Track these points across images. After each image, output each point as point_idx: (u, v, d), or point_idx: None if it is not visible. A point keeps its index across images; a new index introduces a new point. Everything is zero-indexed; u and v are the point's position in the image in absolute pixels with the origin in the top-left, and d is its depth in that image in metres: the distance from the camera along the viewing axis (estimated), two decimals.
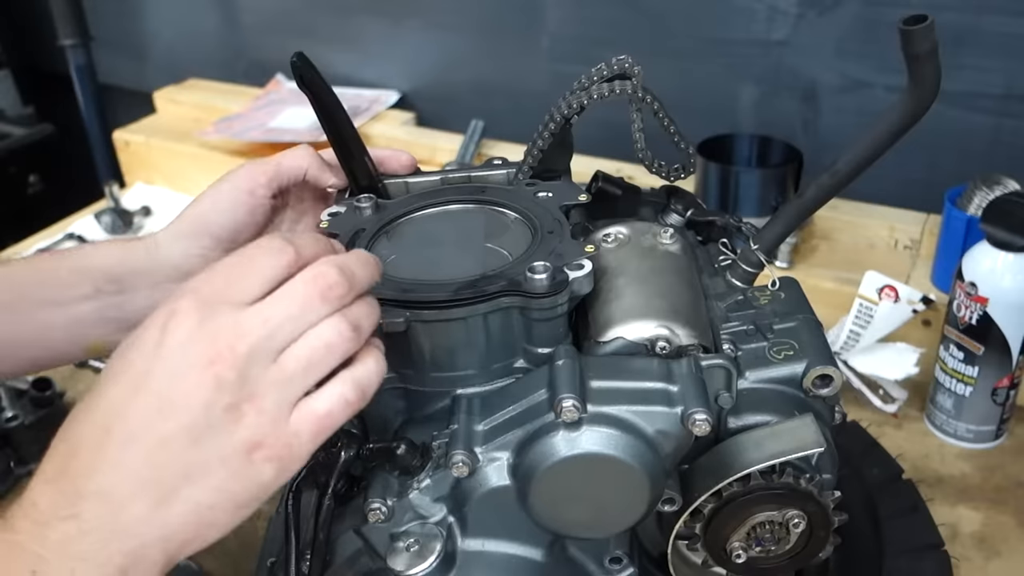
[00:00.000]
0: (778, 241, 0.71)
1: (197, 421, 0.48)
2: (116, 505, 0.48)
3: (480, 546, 0.64)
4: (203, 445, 0.49)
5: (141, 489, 0.48)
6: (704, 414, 0.58)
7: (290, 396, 0.51)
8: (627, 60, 0.73)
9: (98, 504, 0.48)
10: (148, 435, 0.48)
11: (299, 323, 0.50)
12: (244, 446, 0.49)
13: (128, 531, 0.48)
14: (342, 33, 1.81)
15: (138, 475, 0.48)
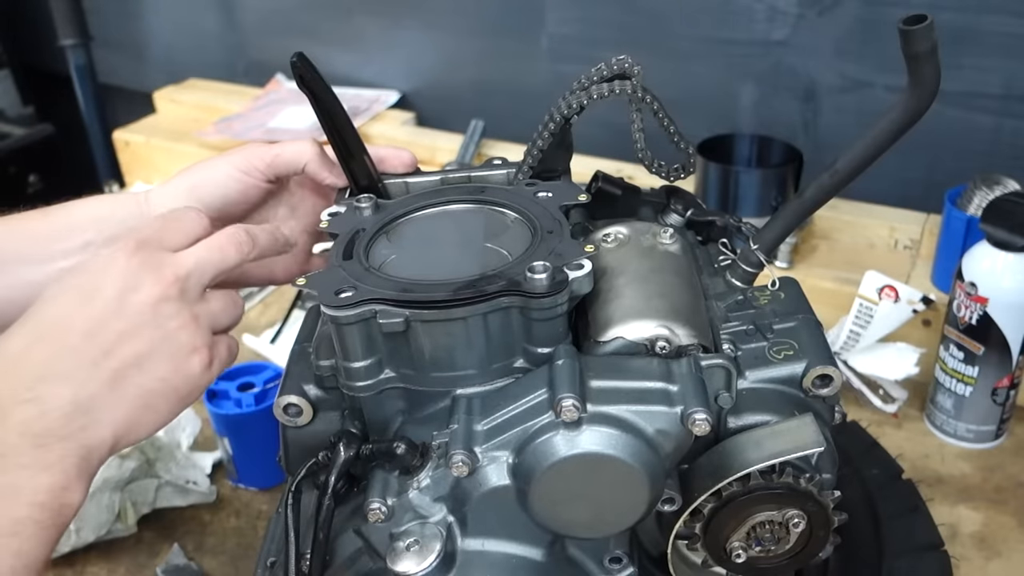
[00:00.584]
0: (778, 241, 0.71)
1: (147, 323, 0.58)
2: (77, 386, 0.56)
3: (480, 546, 0.64)
4: (152, 343, 0.58)
5: (98, 373, 0.56)
6: (704, 414, 0.58)
7: (212, 322, 0.62)
8: (627, 60, 0.73)
9: (59, 386, 0.55)
10: (106, 331, 0.57)
11: (218, 264, 0.63)
12: (185, 348, 0.60)
13: (86, 409, 0.55)
14: (342, 33, 1.81)
15: (95, 362, 0.56)
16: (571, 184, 0.76)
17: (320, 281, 0.64)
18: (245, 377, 1.07)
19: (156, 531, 1.02)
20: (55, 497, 0.53)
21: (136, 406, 0.58)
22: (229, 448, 1.05)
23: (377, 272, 0.66)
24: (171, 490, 1.04)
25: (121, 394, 0.57)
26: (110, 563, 0.98)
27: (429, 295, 0.61)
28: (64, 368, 0.56)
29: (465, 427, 0.62)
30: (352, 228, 0.71)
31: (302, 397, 0.70)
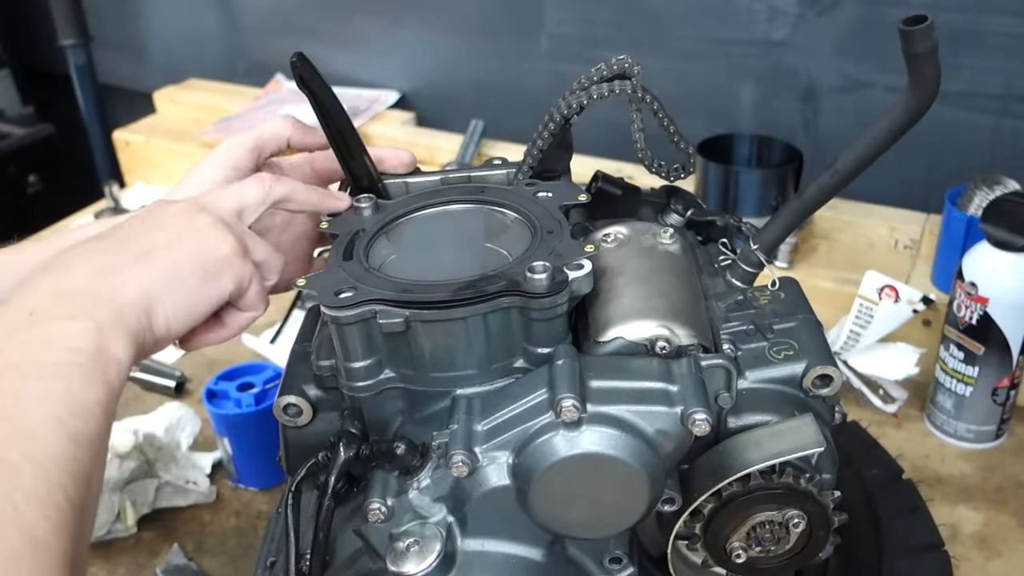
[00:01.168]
0: (778, 241, 0.71)
1: (179, 220, 0.62)
2: (103, 257, 0.58)
3: (480, 546, 0.64)
4: (182, 231, 0.62)
5: (125, 250, 0.59)
6: (704, 414, 0.58)
7: (248, 240, 0.65)
8: (627, 60, 0.73)
9: (85, 256, 0.58)
10: (138, 227, 0.61)
11: (242, 200, 0.67)
12: (215, 236, 0.62)
13: (113, 272, 0.57)
14: (342, 33, 1.81)
15: (124, 242, 0.60)
16: (571, 184, 0.76)
17: (320, 282, 0.64)
18: (245, 377, 1.07)
19: (156, 531, 1.02)
20: (90, 341, 0.53)
21: (163, 274, 0.59)
22: (229, 448, 1.05)
23: (377, 272, 0.66)
24: (171, 490, 1.04)
25: (146, 262, 0.59)
26: (110, 563, 0.98)
27: (429, 295, 0.61)
28: (91, 247, 0.59)
29: (465, 427, 0.62)
30: (352, 228, 0.71)
31: (302, 397, 0.70)
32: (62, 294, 0.55)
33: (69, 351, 0.53)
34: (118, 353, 0.55)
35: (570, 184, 0.76)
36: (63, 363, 0.52)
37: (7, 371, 0.51)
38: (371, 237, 0.70)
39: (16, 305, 0.55)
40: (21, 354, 0.52)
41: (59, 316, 0.54)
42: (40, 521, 0.47)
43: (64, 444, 0.50)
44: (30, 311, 0.54)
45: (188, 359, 1.30)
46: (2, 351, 0.52)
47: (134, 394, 1.23)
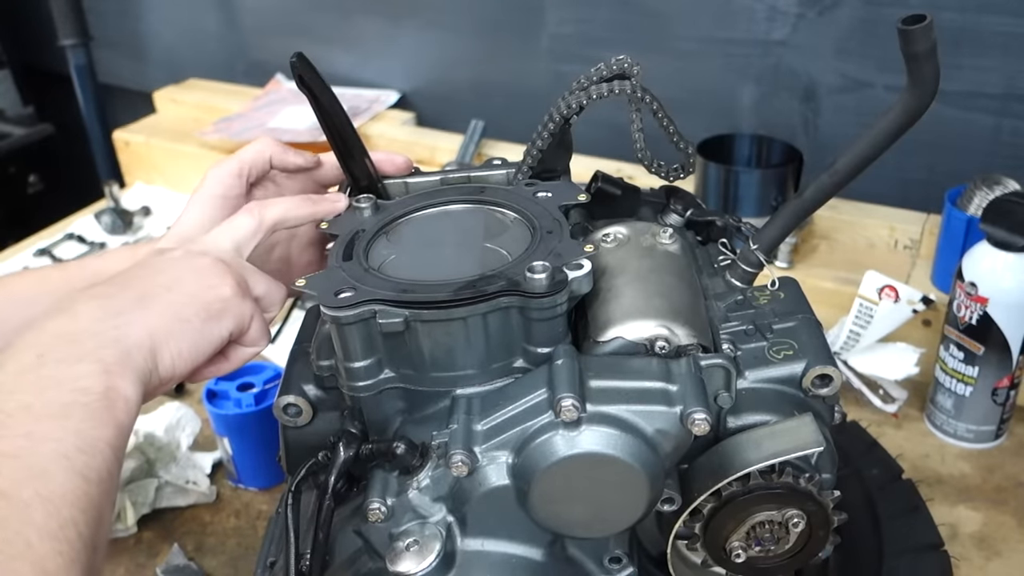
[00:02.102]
0: (778, 241, 0.71)
1: (179, 263, 0.64)
2: (105, 300, 0.59)
3: (480, 546, 0.64)
4: (182, 272, 0.63)
5: (127, 293, 0.60)
6: (703, 413, 0.58)
7: (246, 277, 0.66)
8: (626, 60, 0.73)
9: (89, 301, 0.58)
10: (138, 272, 0.63)
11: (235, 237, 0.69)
12: (215, 275, 0.63)
13: (116, 314, 0.58)
14: (342, 33, 1.81)
15: (125, 286, 0.61)
16: (571, 184, 0.76)
17: (320, 282, 0.64)
18: (245, 377, 1.07)
19: (156, 531, 1.02)
20: (98, 381, 0.54)
21: (167, 317, 0.60)
22: (229, 448, 1.05)
23: (377, 272, 0.66)
24: (171, 490, 1.04)
25: (149, 305, 0.59)
26: (110, 563, 0.98)
27: (429, 295, 0.61)
28: (93, 292, 0.59)
29: (465, 427, 0.62)
30: (352, 229, 0.71)
31: (302, 397, 0.71)
32: (67, 336, 0.56)
33: (77, 391, 0.53)
34: (126, 392, 0.55)
35: (570, 184, 0.76)
36: (72, 403, 0.53)
37: (18, 412, 0.51)
38: (371, 237, 0.70)
39: (23, 348, 0.55)
40: (31, 395, 0.52)
41: (66, 358, 0.55)
42: (52, 556, 0.47)
43: (75, 481, 0.50)
44: (38, 353, 0.55)
45: None
46: (13, 392, 0.53)
47: None
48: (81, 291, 0.60)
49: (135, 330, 0.58)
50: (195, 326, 0.61)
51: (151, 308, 0.59)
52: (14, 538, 0.46)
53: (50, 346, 0.55)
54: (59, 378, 0.53)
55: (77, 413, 0.52)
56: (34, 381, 0.53)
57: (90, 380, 0.54)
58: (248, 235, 0.69)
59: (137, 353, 0.57)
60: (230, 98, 1.86)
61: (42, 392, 0.53)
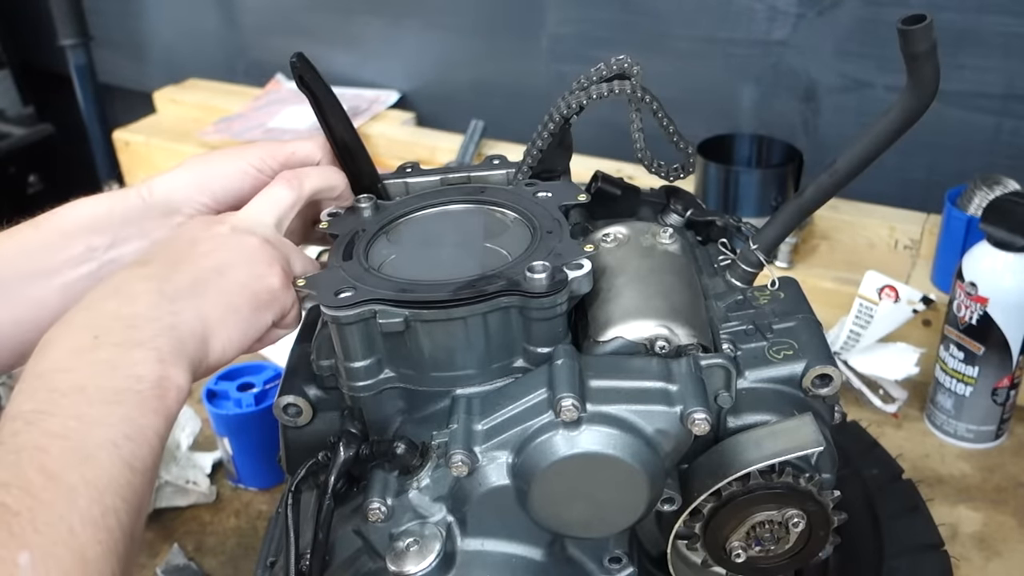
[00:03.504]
0: (778, 241, 0.71)
1: (227, 241, 0.63)
2: (160, 283, 0.58)
3: (480, 546, 0.64)
4: (231, 254, 0.62)
5: (179, 275, 0.59)
6: (703, 413, 0.58)
7: (290, 259, 0.66)
8: (626, 60, 0.73)
9: (142, 283, 0.58)
10: (187, 249, 0.62)
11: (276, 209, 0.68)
12: (264, 261, 0.63)
13: (171, 298, 0.58)
14: (342, 33, 1.81)
15: (177, 266, 0.60)
16: (571, 184, 0.76)
17: (320, 282, 0.64)
18: (245, 377, 1.07)
19: (156, 531, 1.02)
20: (151, 370, 0.54)
21: (218, 303, 0.60)
22: (229, 448, 1.05)
23: (377, 272, 0.66)
24: (171, 490, 1.04)
25: (202, 291, 0.59)
26: None
27: (429, 295, 0.61)
28: (146, 273, 0.59)
29: (465, 427, 0.62)
30: (352, 229, 0.71)
31: (302, 397, 0.70)
32: (124, 319, 0.56)
33: (132, 378, 0.53)
34: (178, 380, 0.55)
35: (570, 184, 0.76)
36: (125, 389, 0.53)
37: (72, 393, 0.51)
38: (371, 237, 0.70)
39: (79, 325, 0.55)
40: (86, 377, 0.52)
41: (123, 342, 0.54)
42: (92, 544, 0.47)
43: (120, 469, 0.50)
44: (94, 334, 0.54)
45: None
46: (68, 372, 0.53)
47: None
48: (132, 269, 0.60)
49: (189, 317, 0.58)
50: (245, 315, 0.61)
51: (205, 295, 0.59)
52: (57, 522, 0.46)
53: (107, 328, 0.55)
54: (115, 363, 0.53)
55: (130, 400, 0.52)
56: (90, 363, 0.53)
57: (145, 368, 0.54)
58: (289, 208, 0.68)
59: (190, 341, 0.57)
60: (230, 98, 1.85)
61: (96, 376, 0.52)
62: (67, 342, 0.54)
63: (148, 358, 0.54)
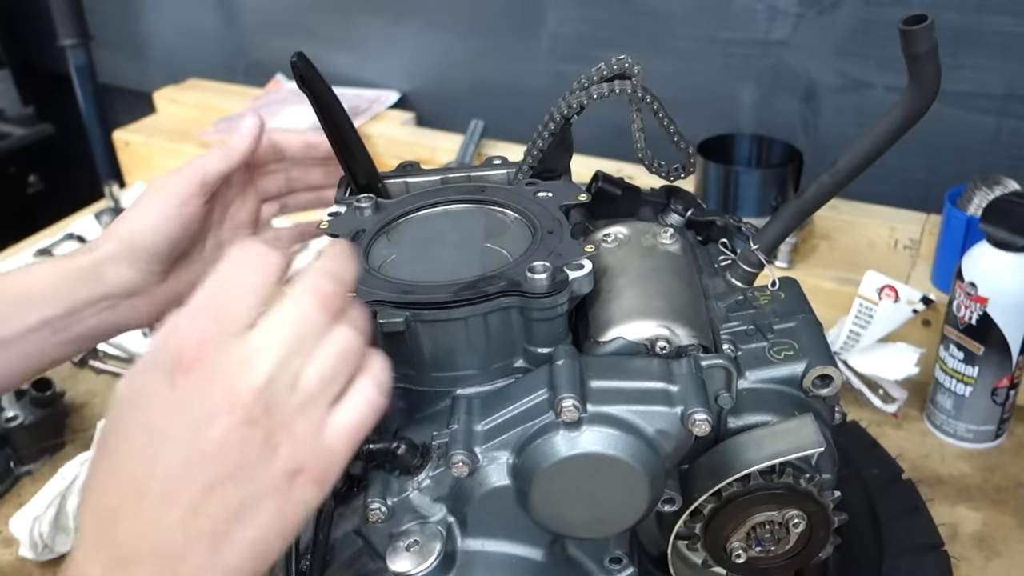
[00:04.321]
0: (778, 241, 0.71)
1: (236, 465, 0.47)
2: (171, 562, 0.47)
3: (480, 546, 0.64)
4: (246, 484, 0.47)
5: (195, 540, 0.47)
6: (704, 414, 0.58)
7: (317, 415, 0.49)
8: (627, 60, 0.73)
9: (153, 565, 0.47)
10: (188, 487, 0.47)
11: (308, 341, 0.49)
12: (285, 475, 0.48)
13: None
14: (342, 33, 1.81)
15: (187, 528, 0.47)
16: (571, 184, 0.76)
17: None
18: None
19: None
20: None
21: (246, 559, 0.48)
22: None
23: (377, 273, 0.66)
24: None
25: (225, 554, 0.48)
26: None
27: (429, 296, 0.61)
28: (155, 543, 0.47)
29: (465, 427, 0.62)
30: (352, 228, 0.71)
31: None
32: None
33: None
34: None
35: (570, 184, 0.76)
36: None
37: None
38: (371, 237, 0.70)
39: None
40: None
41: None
42: None
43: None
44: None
45: None
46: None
47: None
48: (141, 529, 0.47)
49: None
50: (276, 552, 0.50)
51: (226, 556, 0.48)
52: None
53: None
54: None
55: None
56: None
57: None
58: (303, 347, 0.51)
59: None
60: (230, 98, 1.85)
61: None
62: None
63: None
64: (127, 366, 1.27)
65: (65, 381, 1.24)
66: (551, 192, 0.73)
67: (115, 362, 1.29)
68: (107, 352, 1.30)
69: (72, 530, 0.96)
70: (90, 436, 1.05)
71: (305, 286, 0.50)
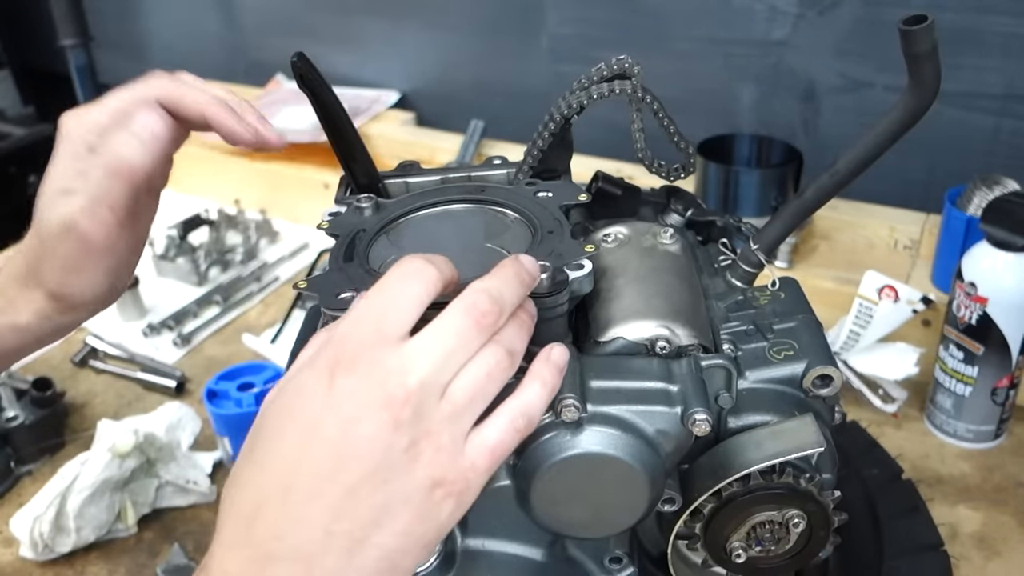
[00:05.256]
0: (778, 241, 0.71)
1: (379, 466, 0.48)
2: (308, 563, 0.47)
3: (480, 545, 0.64)
4: (387, 489, 0.48)
5: (332, 543, 0.47)
6: (704, 414, 0.58)
7: (462, 429, 0.50)
8: (627, 60, 0.73)
9: (291, 565, 0.47)
10: (332, 487, 0.47)
11: (460, 355, 0.50)
12: (426, 484, 0.49)
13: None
14: (342, 33, 1.81)
15: (327, 529, 0.47)
16: (571, 184, 0.76)
17: (321, 283, 0.64)
18: (245, 377, 1.08)
19: (156, 531, 1.02)
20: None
21: (380, 568, 0.49)
22: (229, 448, 1.05)
23: (377, 273, 0.65)
24: (171, 490, 1.04)
25: (361, 561, 0.48)
26: (110, 563, 0.98)
27: None
28: (294, 543, 0.47)
29: None
30: (353, 228, 0.71)
31: None
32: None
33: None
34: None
35: (570, 184, 0.76)
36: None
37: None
38: (372, 238, 0.70)
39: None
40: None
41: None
42: None
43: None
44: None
45: (188, 359, 1.30)
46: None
47: (135, 394, 1.23)
48: (283, 524, 0.47)
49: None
50: (409, 567, 0.50)
51: (361, 564, 0.48)
52: None
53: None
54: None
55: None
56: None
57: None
58: (459, 365, 0.51)
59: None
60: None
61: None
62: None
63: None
64: (127, 366, 1.27)
65: (65, 381, 1.24)
66: (551, 192, 0.73)
67: (115, 362, 1.29)
68: (107, 352, 1.30)
69: (72, 530, 0.96)
70: (90, 436, 1.05)
71: (464, 302, 0.51)
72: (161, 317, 1.37)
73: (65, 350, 1.30)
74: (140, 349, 1.31)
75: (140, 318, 1.38)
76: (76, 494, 0.96)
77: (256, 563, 0.48)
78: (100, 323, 1.35)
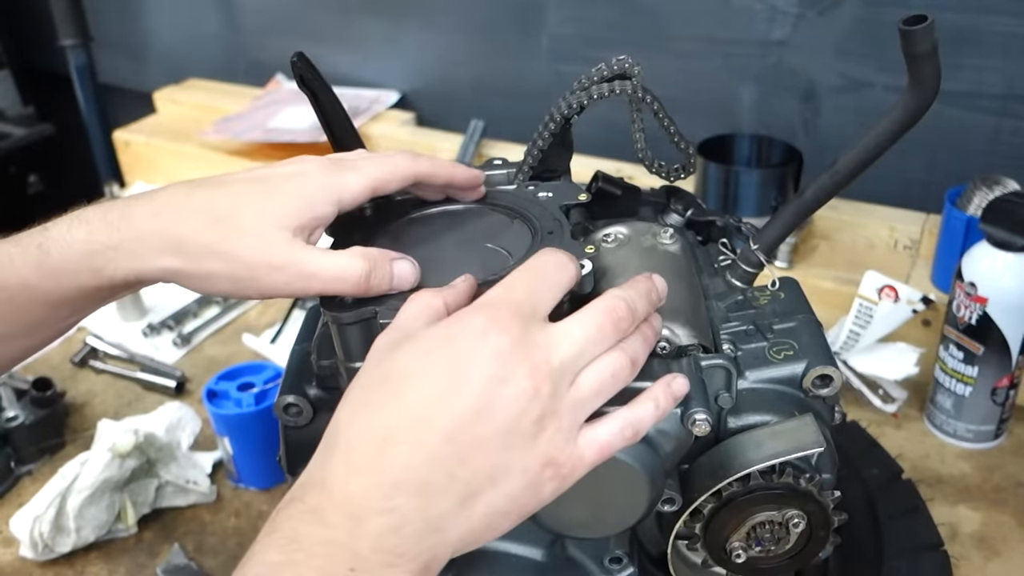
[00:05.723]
0: (778, 241, 0.71)
1: (510, 429, 0.50)
2: (429, 500, 0.49)
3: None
4: (509, 453, 0.50)
5: (451, 486, 0.50)
6: (704, 414, 0.58)
7: (581, 418, 0.53)
8: (627, 60, 0.73)
9: (414, 498, 0.49)
10: (465, 434, 0.50)
11: (594, 349, 0.53)
12: (541, 459, 0.51)
13: (436, 527, 0.50)
14: (342, 33, 1.81)
15: (451, 472, 0.49)
16: (571, 184, 0.76)
17: None
18: (245, 377, 1.07)
19: (156, 531, 1.02)
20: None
21: (481, 525, 0.51)
22: (229, 448, 1.05)
23: None
24: (171, 490, 1.04)
25: (469, 512, 0.51)
26: (110, 563, 0.98)
27: None
28: (421, 477, 0.49)
29: None
30: (353, 229, 0.71)
31: (302, 397, 0.70)
32: (385, 554, 0.49)
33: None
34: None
35: (570, 184, 0.76)
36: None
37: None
38: (372, 238, 0.70)
39: (335, 548, 0.48)
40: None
41: (379, 571, 0.49)
42: None
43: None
44: (351, 566, 0.48)
45: (188, 359, 1.30)
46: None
47: (135, 394, 1.23)
48: (414, 460, 0.49)
49: (445, 549, 0.51)
50: (501, 531, 0.53)
51: (469, 514, 0.50)
52: None
53: (365, 559, 0.48)
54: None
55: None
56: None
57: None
58: (592, 358, 0.54)
59: (435, 566, 0.51)
60: (230, 98, 1.86)
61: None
62: (320, 565, 0.48)
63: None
64: (127, 366, 1.27)
65: (65, 381, 1.24)
66: (551, 192, 0.73)
67: (115, 362, 1.29)
68: (107, 352, 1.30)
69: (72, 530, 0.96)
70: (90, 436, 1.05)
71: (605, 303, 0.55)
72: (161, 317, 1.37)
73: (65, 350, 1.30)
74: (140, 349, 1.31)
75: (140, 318, 1.38)
76: (76, 494, 0.96)
77: (381, 489, 0.49)
78: (100, 323, 1.35)
